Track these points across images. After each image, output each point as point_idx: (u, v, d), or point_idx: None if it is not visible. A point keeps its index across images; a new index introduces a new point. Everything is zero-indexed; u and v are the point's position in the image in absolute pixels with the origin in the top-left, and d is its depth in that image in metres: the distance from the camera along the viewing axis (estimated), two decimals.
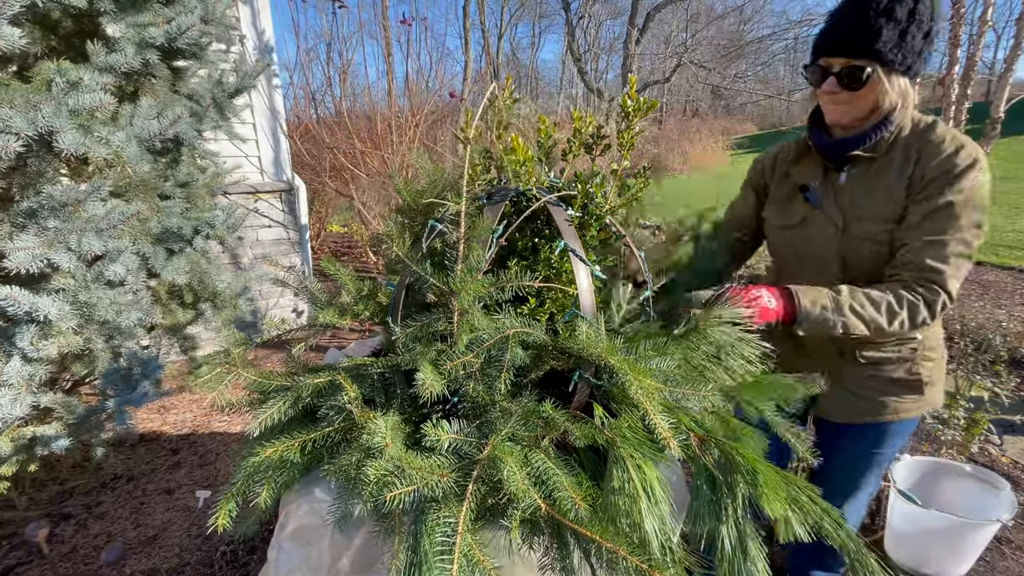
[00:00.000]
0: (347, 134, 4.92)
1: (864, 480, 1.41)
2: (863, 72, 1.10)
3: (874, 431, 1.34)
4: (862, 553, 0.80)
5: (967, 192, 1.10)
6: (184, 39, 1.79)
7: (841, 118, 1.19)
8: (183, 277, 1.94)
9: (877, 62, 1.09)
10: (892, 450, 1.38)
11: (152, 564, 1.99)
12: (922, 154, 1.14)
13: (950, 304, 1.12)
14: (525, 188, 1.13)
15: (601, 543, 0.70)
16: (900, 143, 1.18)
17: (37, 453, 1.77)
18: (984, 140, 4.25)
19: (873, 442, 1.36)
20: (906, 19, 1.06)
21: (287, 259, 4.10)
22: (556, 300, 1.12)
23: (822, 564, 1.62)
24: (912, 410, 1.31)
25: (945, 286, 1.11)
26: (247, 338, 1.24)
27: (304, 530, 0.94)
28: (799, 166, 1.34)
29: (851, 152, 1.21)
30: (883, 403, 1.30)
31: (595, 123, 1.24)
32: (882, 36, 1.06)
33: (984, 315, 4.20)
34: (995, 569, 1.95)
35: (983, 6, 4.10)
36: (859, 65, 1.10)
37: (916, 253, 1.13)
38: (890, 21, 1.06)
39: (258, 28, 3.75)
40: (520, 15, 23.07)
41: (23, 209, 1.52)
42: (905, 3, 1.06)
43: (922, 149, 1.15)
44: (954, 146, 1.12)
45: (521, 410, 0.87)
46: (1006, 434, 2.77)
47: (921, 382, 1.28)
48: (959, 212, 1.10)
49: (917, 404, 1.31)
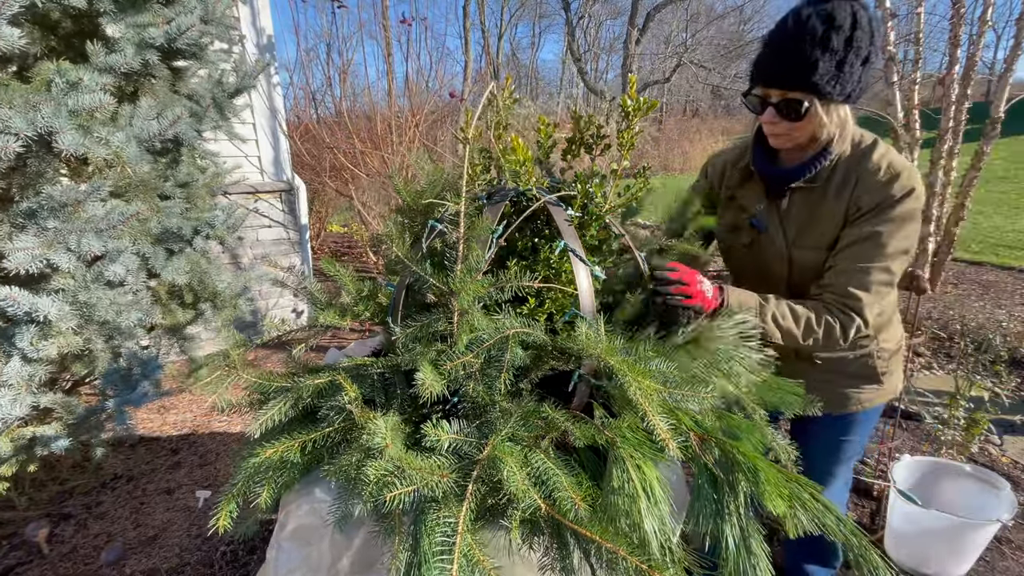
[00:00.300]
0: (347, 134, 4.92)
1: (837, 468, 1.48)
2: (801, 105, 1.08)
3: (841, 421, 1.41)
4: (865, 548, 0.80)
5: (897, 222, 1.12)
6: (184, 39, 1.79)
7: (783, 145, 1.19)
8: (183, 277, 1.94)
9: (814, 95, 1.07)
10: (860, 437, 1.45)
11: (152, 564, 1.99)
12: (859, 181, 1.15)
13: (865, 330, 1.16)
14: (525, 188, 1.13)
15: (601, 543, 0.70)
16: (840, 167, 1.18)
17: (37, 453, 1.77)
18: (984, 140, 4.25)
19: (841, 431, 1.43)
20: (843, 48, 1.03)
21: (287, 259, 4.10)
22: (556, 300, 1.12)
23: (819, 560, 1.64)
24: (875, 399, 1.39)
25: (862, 313, 1.14)
26: (247, 339, 1.24)
27: (304, 530, 0.94)
28: (744, 190, 1.35)
29: (792, 184, 1.22)
30: (846, 395, 1.37)
31: (595, 123, 1.24)
32: (819, 69, 1.03)
33: (984, 315, 4.20)
34: (995, 569, 1.95)
35: (983, 6, 4.10)
36: (796, 98, 1.08)
37: (839, 277, 1.16)
38: (826, 52, 1.03)
39: (258, 28, 3.75)
40: (520, 15, 23.06)
41: (23, 209, 1.52)
42: (842, 31, 1.02)
43: (859, 176, 1.15)
44: (888, 175, 1.12)
45: (521, 410, 0.87)
46: (1006, 434, 2.77)
47: (879, 373, 1.35)
48: (886, 241, 1.12)
49: (878, 393, 1.38)
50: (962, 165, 4.40)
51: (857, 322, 1.15)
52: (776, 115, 1.12)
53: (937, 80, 4.19)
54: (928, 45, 6.03)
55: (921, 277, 1.95)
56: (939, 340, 3.88)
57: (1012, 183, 9.15)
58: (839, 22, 1.01)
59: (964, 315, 4.19)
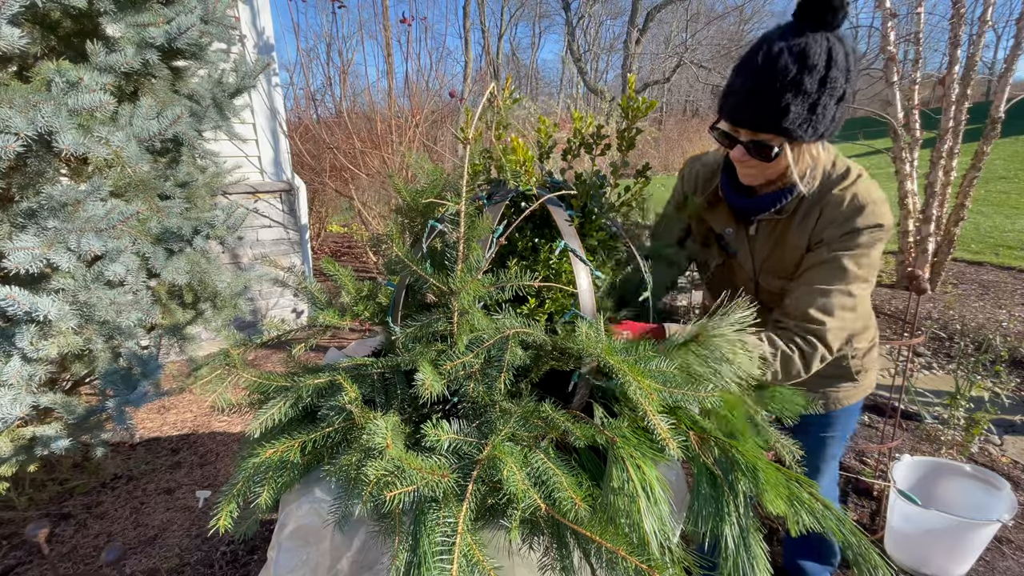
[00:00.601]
0: (347, 134, 4.92)
1: (822, 465, 1.50)
2: (771, 149, 1.04)
3: (821, 419, 1.42)
4: (864, 547, 0.80)
5: (859, 251, 1.08)
6: (184, 39, 1.79)
7: (753, 181, 1.16)
8: (183, 277, 1.94)
9: (785, 138, 1.03)
10: (841, 433, 1.47)
11: (152, 564, 1.99)
12: (822, 213, 1.12)
13: (829, 356, 1.10)
14: (525, 188, 1.13)
15: (601, 543, 0.70)
16: (807, 198, 1.15)
17: (37, 453, 1.77)
18: (984, 140, 4.25)
19: (820, 428, 1.44)
20: (816, 90, 0.96)
21: (287, 259, 4.10)
22: (556, 300, 1.12)
23: (817, 558, 1.65)
24: (851, 397, 1.41)
25: (824, 338, 1.08)
26: (247, 338, 1.24)
27: (304, 530, 0.94)
28: (713, 212, 1.32)
29: (759, 216, 1.21)
30: (824, 394, 1.38)
31: (595, 123, 1.24)
32: (790, 114, 0.98)
33: (984, 315, 4.20)
34: (995, 569, 1.95)
35: (983, 6, 4.10)
36: (766, 141, 1.04)
37: (799, 301, 1.11)
38: (798, 95, 0.96)
39: (258, 28, 3.75)
40: (520, 15, 23.08)
41: (23, 209, 1.52)
42: (815, 72, 0.95)
43: (823, 208, 1.12)
44: (852, 208, 1.08)
45: (521, 410, 0.87)
46: (1006, 434, 2.77)
47: (853, 372, 1.36)
48: (847, 266, 1.08)
49: (854, 391, 1.40)
50: (962, 165, 4.40)
51: (820, 351, 1.09)
52: (746, 154, 1.08)
53: (937, 80, 4.19)
54: (928, 45, 6.02)
55: (921, 277, 1.94)
56: (939, 340, 3.88)
57: (1012, 183, 9.15)
58: (813, 61, 0.94)
59: (964, 315, 4.19)
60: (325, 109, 6.02)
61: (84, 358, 1.87)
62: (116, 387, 1.85)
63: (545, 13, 24.64)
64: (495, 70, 15.54)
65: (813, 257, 1.13)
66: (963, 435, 2.40)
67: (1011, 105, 4.15)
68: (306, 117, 6.11)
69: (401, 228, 1.32)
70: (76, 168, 1.88)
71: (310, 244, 4.57)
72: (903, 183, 4.31)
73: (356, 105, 5.40)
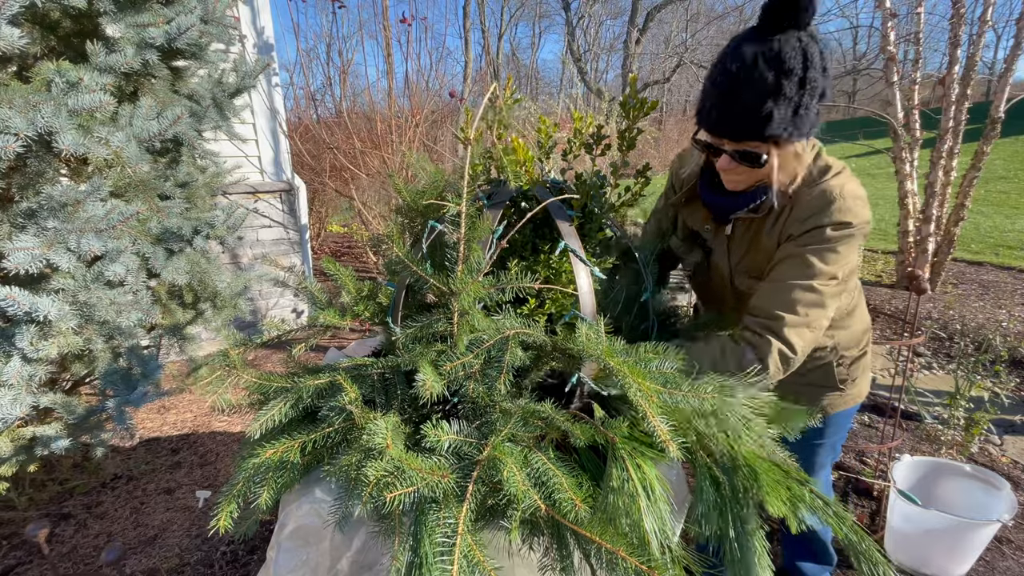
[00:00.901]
0: (347, 134, 4.92)
1: (814, 473, 1.48)
2: (759, 156, 1.02)
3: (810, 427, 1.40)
4: (866, 545, 0.80)
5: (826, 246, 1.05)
6: (184, 39, 1.79)
7: (738, 187, 1.14)
8: (183, 277, 1.94)
9: (771, 144, 1.00)
10: (835, 439, 1.45)
11: (152, 564, 1.99)
12: (792, 210, 1.10)
13: (792, 354, 1.05)
14: (526, 188, 1.13)
15: (601, 544, 0.70)
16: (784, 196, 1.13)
17: (37, 453, 1.77)
18: (984, 140, 4.25)
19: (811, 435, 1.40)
20: (796, 92, 0.94)
21: (287, 259, 4.10)
22: (556, 301, 1.12)
23: (815, 558, 1.65)
24: (839, 405, 1.38)
25: (781, 334, 1.05)
26: (247, 338, 1.24)
27: (304, 530, 0.94)
28: (690, 210, 1.31)
29: (735, 215, 1.19)
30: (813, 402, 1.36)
31: (595, 123, 1.24)
32: (773, 120, 0.95)
33: (984, 315, 4.20)
34: (995, 569, 1.95)
35: (983, 6, 4.10)
36: (752, 150, 1.02)
37: (762, 298, 1.10)
38: (780, 100, 0.94)
39: (258, 28, 3.75)
40: (520, 15, 23.07)
41: (23, 209, 1.52)
42: (794, 75, 0.93)
43: (793, 205, 1.10)
44: (821, 203, 1.06)
45: (521, 411, 0.87)
46: (1006, 434, 2.77)
47: (839, 381, 1.34)
48: (812, 261, 1.05)
49: (843, 399, 1.37)
50: (962, 165, 4.40)
51: (776, 345, 1.04)
52: (732, 162, 1.05)
53: (937, 80, 4.19)
54: (928, 45, 6.01)
55: (921, 277, 1.95)
56: (939, 340, 3.88)
57: (1012, 183, 9.15)
58: (790, 65, 0.92)
59: (964, 315, 4.19)
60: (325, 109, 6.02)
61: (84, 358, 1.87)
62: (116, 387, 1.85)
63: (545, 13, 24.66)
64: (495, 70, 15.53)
65: (780, 252, 1.11)
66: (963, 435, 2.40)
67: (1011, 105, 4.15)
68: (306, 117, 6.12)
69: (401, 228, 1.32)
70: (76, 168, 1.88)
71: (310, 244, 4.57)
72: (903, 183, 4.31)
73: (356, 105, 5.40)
